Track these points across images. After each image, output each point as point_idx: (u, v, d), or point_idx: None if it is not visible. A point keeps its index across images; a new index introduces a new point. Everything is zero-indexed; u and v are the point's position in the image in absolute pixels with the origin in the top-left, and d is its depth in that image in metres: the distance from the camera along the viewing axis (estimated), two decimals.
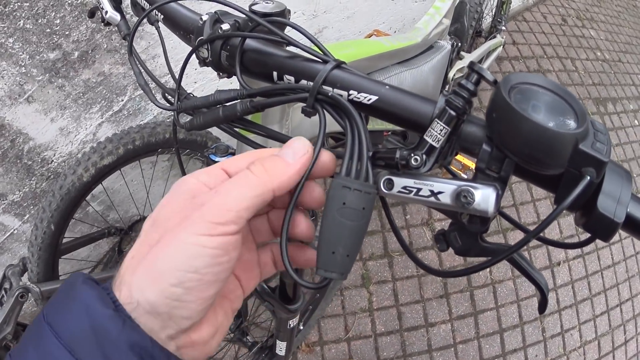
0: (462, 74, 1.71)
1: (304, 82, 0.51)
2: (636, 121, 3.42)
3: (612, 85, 3.50)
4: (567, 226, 2.75)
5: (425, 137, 0.44)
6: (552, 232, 2.72)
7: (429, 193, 0.43)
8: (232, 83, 1.76)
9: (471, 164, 1.67)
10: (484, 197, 0.41)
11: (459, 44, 1.75)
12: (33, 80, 1.34)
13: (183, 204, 0.40)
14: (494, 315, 2.45)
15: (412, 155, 0.43)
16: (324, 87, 0.47)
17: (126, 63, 1.51)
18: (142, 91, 1.63)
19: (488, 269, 2.49)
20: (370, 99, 0.47)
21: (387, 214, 0.52)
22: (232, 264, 0.39)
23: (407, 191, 0.44)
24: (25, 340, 0.38)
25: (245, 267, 0.49)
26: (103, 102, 1.55)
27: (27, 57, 1.29)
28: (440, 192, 0.42)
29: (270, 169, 0.41)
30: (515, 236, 2.62)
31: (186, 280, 0.37)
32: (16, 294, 1.36)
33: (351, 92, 0.47)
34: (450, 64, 1.56)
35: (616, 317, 2.76)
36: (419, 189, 0.43)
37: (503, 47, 2.45)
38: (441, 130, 0.43)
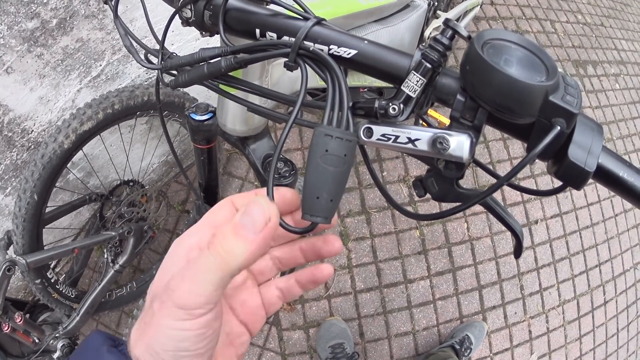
0: (438, 32, 1.72)
1: (285, 38, 0.52)
2: (617, 85, 3.43)
3: (593, 48, 3.50)
4: (544, 184, 2.79)
5: (402, 87, 0.46)
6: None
7: (407, 140, 0.45)
8: (209, 43, 1.76)
9: (447, 120, 1.70)
10: (458, 143, 0.44)
11: (436, 2, 1.76)
12: (12, 51, 1.33)
13: (166, 283, 0.41)
14: (472, 272, 2.50)
15: (390, 104, 0.46)
16: (305, 42, 0.49)
17: (104, 28, 1.50)
18: (119, 55, 1.62)
19: (465, 226, 2.54)
20: (350, 53, 0.49)
21: (367, 162, 0.54)
22: (219, 330, 0.41)
23: (386, 138, 0.46)
24: None
25: (250, 311, 0.50)
26: (81, 68, 1.54)
27: (6, 28, 1.28)
28: (417, 139, 0.45)
29: (230, 251, 0.39)
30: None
31: (179, 357, 0.39)
32: (3, 267, 1.37)
33: (331, 46, 0.49)
34: (427, 23, 1.58)
35: (595, 277, 2.81)
36: (397, 137, 0.46)
37: (480, 6, 2.45)
38: (417, 81, 0.46)
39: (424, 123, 0.63)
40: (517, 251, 0.53)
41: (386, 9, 1.24)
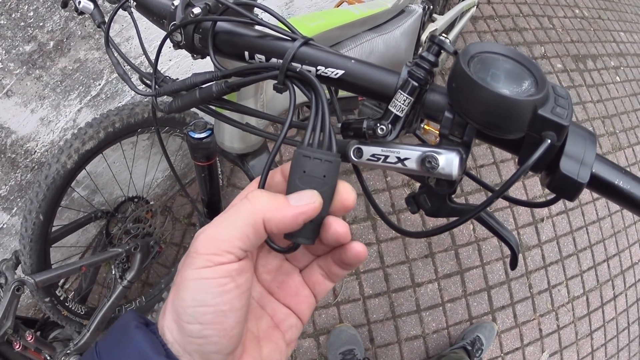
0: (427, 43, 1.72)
1: (274, 60, 0.53)
2: (618, 77, 3.41)
3: (592, 42, 3.49)
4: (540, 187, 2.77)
5: (389, 107, 0.46)
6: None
7: (396, 160, 0.45)
8: (206, 60, 1.77)
9: None
10: (447, 161, 0.43)
11: (431, 6, 1.76)
12: (11, 75, 1.34)
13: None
14: (480, 273, 2.50)
15: (379, 125, 0.46)
16: (293, 63, 0.49)
17: (101, 47, 1.50)
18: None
19: (471, 227, 2.53)
20: (337, 74, 0.49)
21: (361, 181, 0.54)
22: (243, 289, 0.39)
23: (376, 158, 0.46)
24: None
25: (292, 292, 0.48)
26: (81, 88, 1.55)
27: (4, 52, 1.29)
28: (406, 159, 0.45)
29: (267, 200, 0.40)
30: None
31: (198, 315, 0.37)
32: (12, 287, 1.38)
33: (319, 67, 0.49)
34: (423, 27, 1.58)
35: (604, 272, 2.80)
36: (386, 156, 0.46)
37: (477, 6, 2.44)
38: (404, 100, 0.46)
39: (426, 126, 0.63)
40: (513, 263, 0.53)
41: (380, 16, 1.24)
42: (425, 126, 1.86)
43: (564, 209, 2.76)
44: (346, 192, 0.44)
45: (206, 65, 0.58)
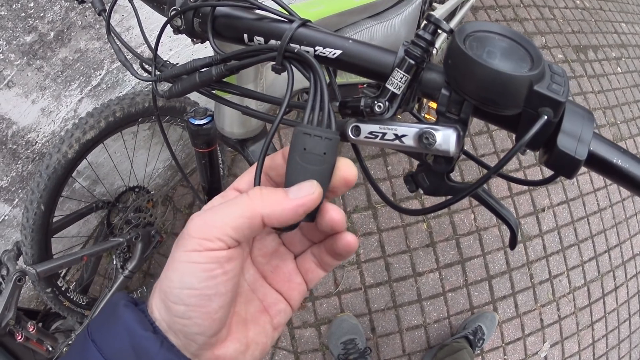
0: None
1: (273, 41, 0.53)
2: (619, 69, 3.40)
3: (593, 33, 3.47)
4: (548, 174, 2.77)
5: (387, 85, 0.46)
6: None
7: (394, 136, 0.46)
8: (207, 47, 1.77)
9: None
10: (444, 137, 0.44)
11: None
12: (12, 65, 1.34)
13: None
14: (481, 263, 2.50)
15: (376, 102, 0.46)
16: (292, 45, 0.49)
17: (101, 37, 1.51)
18: (119, 63, 1.63)
19: (472, 216, 2.54)
20: (335, 53, 0.49)
21: (360, 161, 0.55)
22: (230, 276, 0.40)
23: (373, 136, 0.47)
24: (71, 353, 0.42)
25: (284, 278, 0.49)
26: (81, 78, 1.55)
27: (4, 43, 1.29)
28: (403, 135, 0.45)
29: (265, 196, 0.41)
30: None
31: (184, 297, 0.38)
32: (14, 278, 1.38)
33: (317, 48, 0.50)
34: (423, 15, 1.58)
35: (605, 263, 2.80)
36: (384, 134, 0.46)
37: None
38: (401, 78, 0.46)
39: (427, 115, 0.63)
40: (512, 243, 0.53)
41: (380, 4, 1.24)
42: (426, 115, 1.87)
43: (564, 199, 2.76)
44: (346, 168, 0.44)
45: (207, 54, 0.59)
